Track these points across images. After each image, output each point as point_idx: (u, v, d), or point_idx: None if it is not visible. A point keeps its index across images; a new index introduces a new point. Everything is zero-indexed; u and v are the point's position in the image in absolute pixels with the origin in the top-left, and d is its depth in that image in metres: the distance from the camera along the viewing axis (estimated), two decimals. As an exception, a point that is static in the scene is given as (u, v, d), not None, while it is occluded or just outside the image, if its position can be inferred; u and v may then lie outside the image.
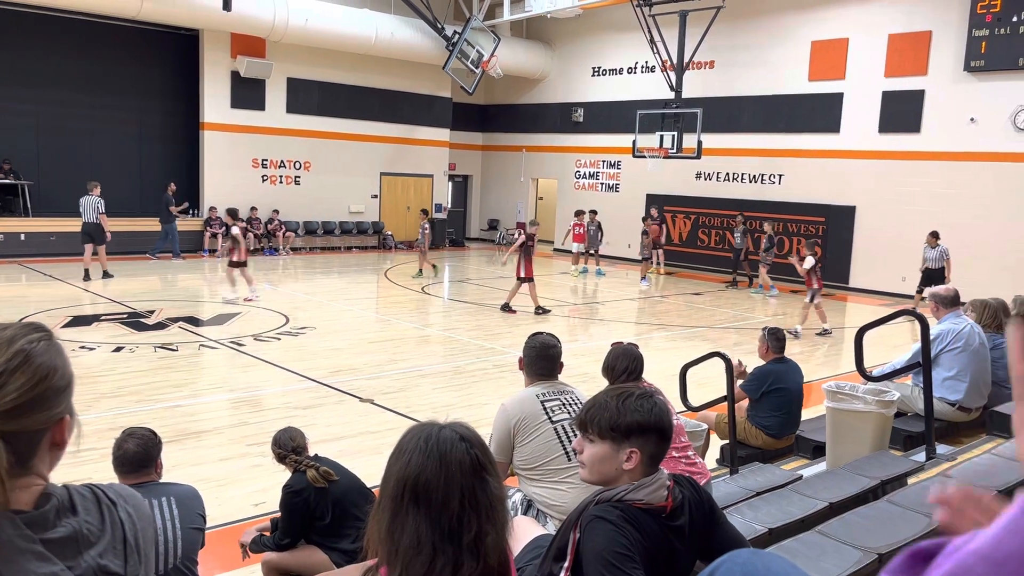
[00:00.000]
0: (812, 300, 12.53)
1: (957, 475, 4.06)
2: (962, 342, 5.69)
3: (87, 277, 15.21)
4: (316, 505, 3.77)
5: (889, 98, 17.24)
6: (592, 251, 19.67)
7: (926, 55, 16.64)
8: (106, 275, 15.45)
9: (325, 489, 3.79)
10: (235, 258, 13.83)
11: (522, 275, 13.26)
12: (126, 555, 1.30)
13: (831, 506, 3.69)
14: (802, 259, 12.66)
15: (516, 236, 14.88)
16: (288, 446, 3.94)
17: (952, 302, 5.90)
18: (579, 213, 19.55)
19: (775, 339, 6.02)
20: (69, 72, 19.08)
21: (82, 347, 9.77)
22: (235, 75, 20.26)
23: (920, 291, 14.50)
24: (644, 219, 19.32)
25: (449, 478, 1.54)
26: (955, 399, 5.73)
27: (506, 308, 13.50)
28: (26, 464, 1.22)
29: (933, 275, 14.15)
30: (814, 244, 13.23)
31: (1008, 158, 15.66)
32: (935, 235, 14.64)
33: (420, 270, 17.43)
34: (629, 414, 2.11)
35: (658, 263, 19.63)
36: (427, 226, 17.42)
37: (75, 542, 1.22)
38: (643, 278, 18.05)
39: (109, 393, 7.94)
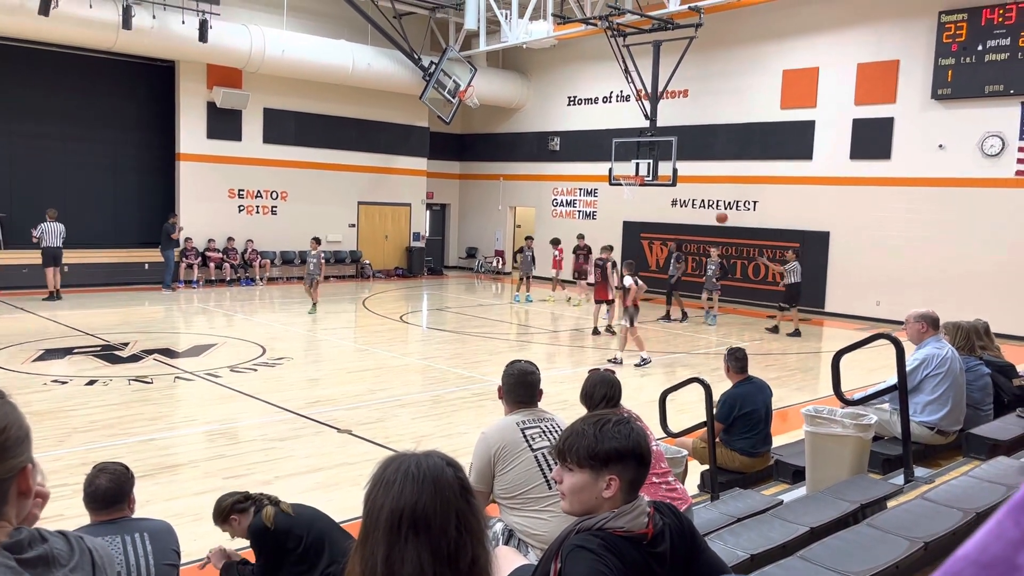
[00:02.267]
0: (632, 323, 12.10)
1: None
2: (945, 367, 5.73)
3: (57, 297, 16.23)
4: (287, 536, 3.71)
5: (859, 125, 17.55)
6: (525, 276, 19.29)
7: (894, 83, 16.99)
8: (57, 296, 16.45)
9: (293, 519, 3.74)
10: None
11: (604, 297, 14.50)
12: (95, 573, 1.41)
13: (812, 531, 3.69)
14: (622, 281, 12.33)
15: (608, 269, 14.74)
16: (246, 495, 3.87)
17: (938, 324, 5.95)
18: (556, 242, 19.55)
19: (734, 359, 6.06)
20: (43, 103, 18.96)
21: (54, 381, 9.61)
22: (211, 106, 20.24)
23: (789, 305, 15.62)
24: (576, 247, 19.00)
25: (445, 504, 1.53)
26: (934, 423, 5.77)
27: (608, 330, 14.74)
28: None
29: (790, 289, 15.62)
30: (633, 265, 12.82)
31: (976, 183, 15.95)
32: (794, 252, 16.06)
33: (313, 305, 16.07)
34: (607, 441, 2.10)
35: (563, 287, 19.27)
36: (322, 254, 16.24)
37: (46, 562, 1.32)
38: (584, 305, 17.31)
39: (82, 427, 7.80)
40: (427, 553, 1.50)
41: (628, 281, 12.20)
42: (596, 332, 14.77)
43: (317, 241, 16.18)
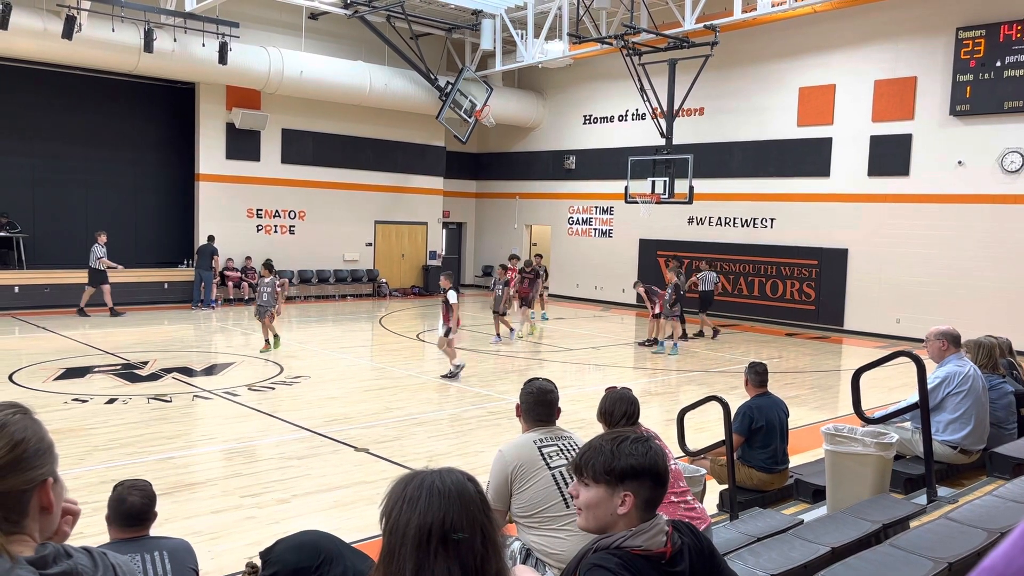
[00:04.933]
0: (448, 335, 11.75)
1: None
2: (967, 385, 5.65)
3: (82, 314, 17.00)
4: (296, 568, 3.66)
5: (877, 142, 17.48)
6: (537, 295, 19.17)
7: (912, 100, 16.92)
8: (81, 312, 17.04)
9: (300, 558, 3.69)
10: None
11: (656, 312, 15.27)
12: None
13: (833, 551, 3.64)
14: (446, 295, 11.84)
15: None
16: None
17: (959, 342, 5.88)
18: (514, 258, 18.16)
19: (754, 373, 6.01)
20: (65, 125, 19.26)
21: (75, 399, 9.69)
22: (230, 127, 20.46)
23: (702, 310, 16.70)
24: (523, 268, 17.35)
25: (471, 518, 1.53)
26: (957, 442, 5.69)
27: (649, 343, 15.43)
28: (17, 523, 1.34)
29: (702, 296, 16.70)
30: (451, 275, 12.38)
31: (996, 200, 15.83)
32: (708, 263, 17.32)
33: (273, 337, 13.75)
34: (623, 458, 2.10)
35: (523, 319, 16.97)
36: (276, 282, 13.79)
37: None
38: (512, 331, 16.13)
39: (102, 446, 7.85)
40: (457, 567, 1.50)
41: (453, 297, 11.73)
42: (653, 343, 15.36)
43: (270, 268, 13.91)
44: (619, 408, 4.04)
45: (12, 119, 18.57)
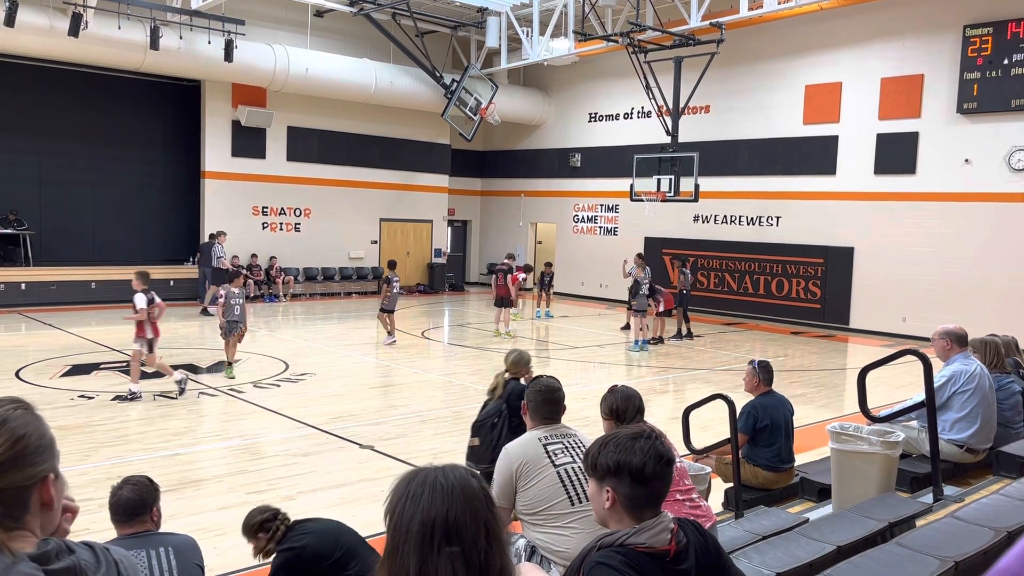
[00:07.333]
0: (152, 349, 9.93)
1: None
2: (974, 384, 5.63)
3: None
4: (318, 558, 3.68)
5: (884, 140, 17.42)
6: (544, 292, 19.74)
7: (919, 98, 16.86)
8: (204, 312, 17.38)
9: (320, 541, 3.71)
10: None
11: (661, 309, 15.40)
12: None
13: (839, 549, 3.63)
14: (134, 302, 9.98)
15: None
16: (274, 513, 3.81)
17: (964, 341, 5.86)
18: (511, 257, 17.79)
19: (764, 371, 5.99)
20: (72, 123, 19.31)
21: (81, 396, 9.72)
22: (236, 124, 20.49)
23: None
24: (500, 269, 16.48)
25: (475, 514, 1.53)
26: (963, 440, 5.67)
27: (657, 341, 15.46)
28: (19, 519, 1.34)
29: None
30: (145, 275, 10.25)
31: (1003, 198, 15.77)
32: (641, 257, 16.71)
33: (230, 364, 11.39)
34: (606, 455, 2.14)
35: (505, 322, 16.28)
36: (242, 292, 11.40)
37: (74, 573, 1.34)
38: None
39: (107, 442, 7.88)
40: (461, 564, 1.49)
41: (140, 302, 9.79)
42: (659, 340, 15.44)
43: (242, 275, 12.11)
44: (633, 404, 4.02)
45: (18, 117, 18.62)
